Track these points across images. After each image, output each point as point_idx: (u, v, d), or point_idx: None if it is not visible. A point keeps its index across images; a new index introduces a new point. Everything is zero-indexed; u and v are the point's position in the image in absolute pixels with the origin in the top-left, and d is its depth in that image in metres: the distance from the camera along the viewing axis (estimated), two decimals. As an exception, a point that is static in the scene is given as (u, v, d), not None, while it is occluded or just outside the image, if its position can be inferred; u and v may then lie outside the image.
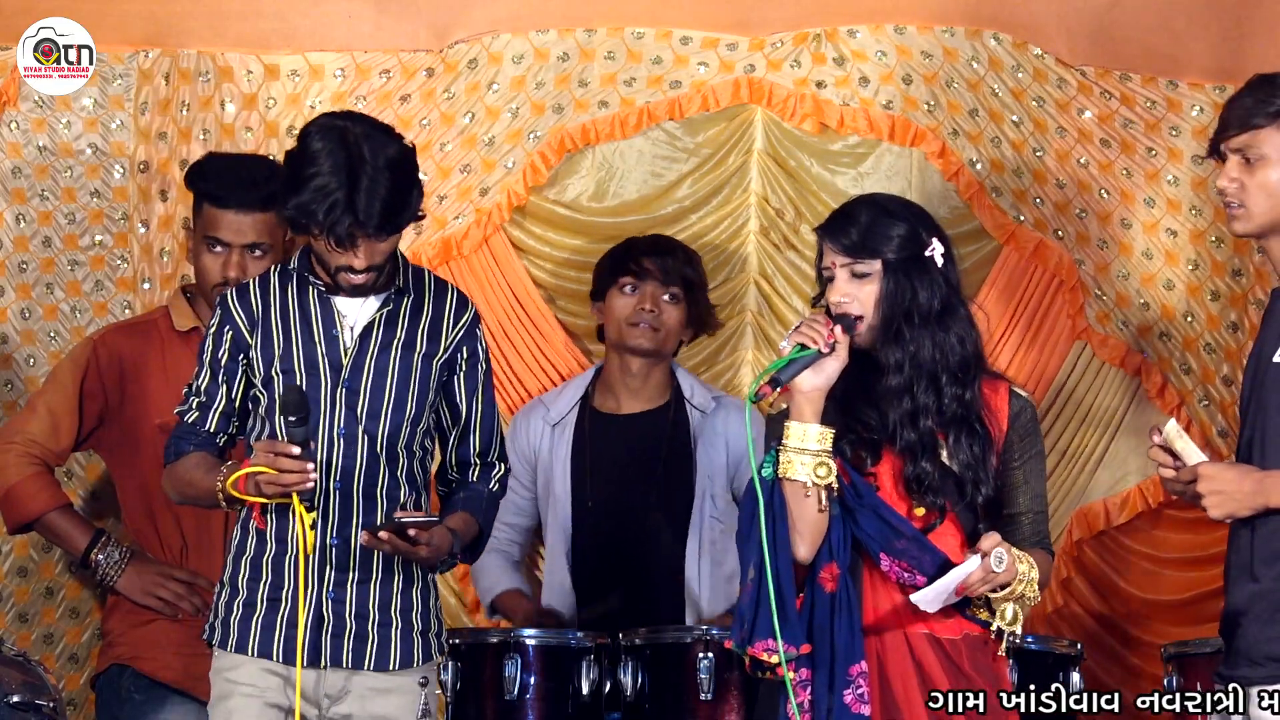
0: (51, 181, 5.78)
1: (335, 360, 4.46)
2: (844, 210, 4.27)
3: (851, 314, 4.18)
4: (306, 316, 4.49)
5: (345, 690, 4.42)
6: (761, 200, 5.96)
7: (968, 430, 4.20)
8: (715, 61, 5.91)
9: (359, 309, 4.48)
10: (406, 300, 4.51)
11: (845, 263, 4.20)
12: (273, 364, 4.47)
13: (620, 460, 5.61)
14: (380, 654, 4.43)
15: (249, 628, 4.43)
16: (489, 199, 5.88)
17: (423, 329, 4.52)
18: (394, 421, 4.46)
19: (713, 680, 5.01)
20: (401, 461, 4.47)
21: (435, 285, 4.58)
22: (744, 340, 6.01)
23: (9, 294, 5.74)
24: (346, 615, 4.41)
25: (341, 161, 4.29)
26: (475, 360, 4.57)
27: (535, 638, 5.15)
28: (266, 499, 4.33)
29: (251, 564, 4.46)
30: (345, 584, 4.42)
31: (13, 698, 4.58)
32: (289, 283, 4.52)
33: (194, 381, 4.55)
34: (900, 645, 4.16)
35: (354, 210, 4.28)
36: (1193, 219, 5.86)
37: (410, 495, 4.49)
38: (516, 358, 5.90)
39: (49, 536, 5.33)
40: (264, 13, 5.74)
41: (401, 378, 4.47)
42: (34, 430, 5.24)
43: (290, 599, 4.41)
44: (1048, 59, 5.89)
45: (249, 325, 4.50)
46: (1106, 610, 5.85)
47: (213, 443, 4.53)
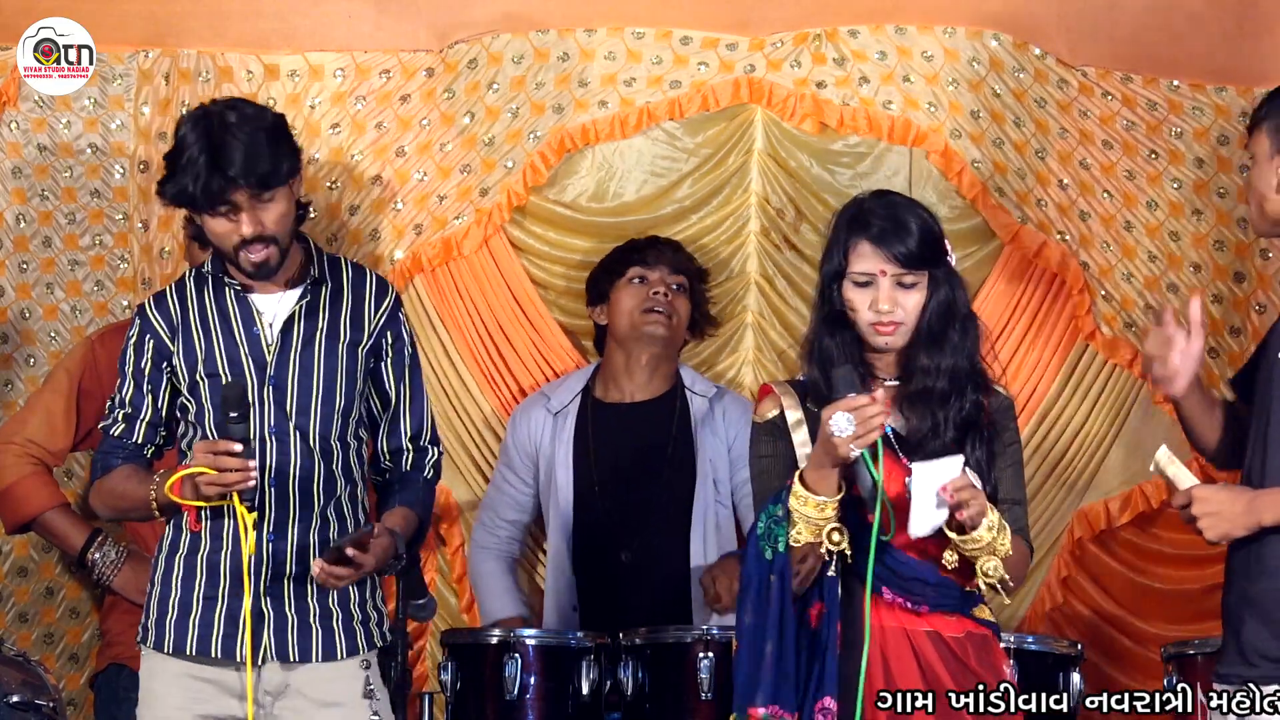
0: (51, 181, 5.79)
1: (259, 358, 4.45)
2: (894, 217, 4.19)
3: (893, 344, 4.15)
4: (225, 317, 4.48)
5: (285, 684, 4.41)
6: (762, 200, 5.96)
7: (979, 434, 4.20)
8: (715, 61, 5.91)
9: (277, 304, 4.47)
10: (325, 289, 4.50)
11: (898, 273, 4.15)
12: (196, 369, 4.45)
13: (623, 447, 5.61)
14: (326, 645, 4.41)
15: (186, 628, 4.40)
16: (489, 199, 5.88)
17: (344, 317, 4.50)
18: (324, 414, 4.44)
19: (713, 680, 5.01)
20: (336, 454, 4.46)
21: (353, 272, 4.56)
22: (744, 340, 6.01)
23: (9, 294, 5.75)
24: (286, 610, 4.40)
25: (203, 132, 4.33)
26: (400, 344, 4.56)
27: (535, 638, 5.15)
28: (204, 501, 4.32)
29: (185, 563, 4.43)
30: (282, 579, 4.40)
31: (13, 698, 4.59)
32: (205, 285, 4.51)
33: (117, 394, 4.54)
34: (903, 644, 4.14)
35: (219, 167, 4.29)
36: (1194, 222, 5.86)
37: (346, 488, 4.47)
38: (515, 358, 5.90)
39: (46, 536, 5.33)
40: (264, 13, 5.74)
41: (328, 369, 4.46)
42: (32, 431, 5.25)
43: (227, 597, 4.39)
44: (1048, 60, 5.89)
45: (169, 332, 4.49)
46: (1107, 609, 5.85)
47: (140, 454, 4.52)
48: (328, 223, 5.81)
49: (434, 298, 5.87)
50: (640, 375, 5.65)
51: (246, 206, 4.36)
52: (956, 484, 4.02)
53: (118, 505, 4.53)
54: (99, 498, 4.56)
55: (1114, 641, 5.82)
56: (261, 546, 4.38)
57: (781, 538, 4.09)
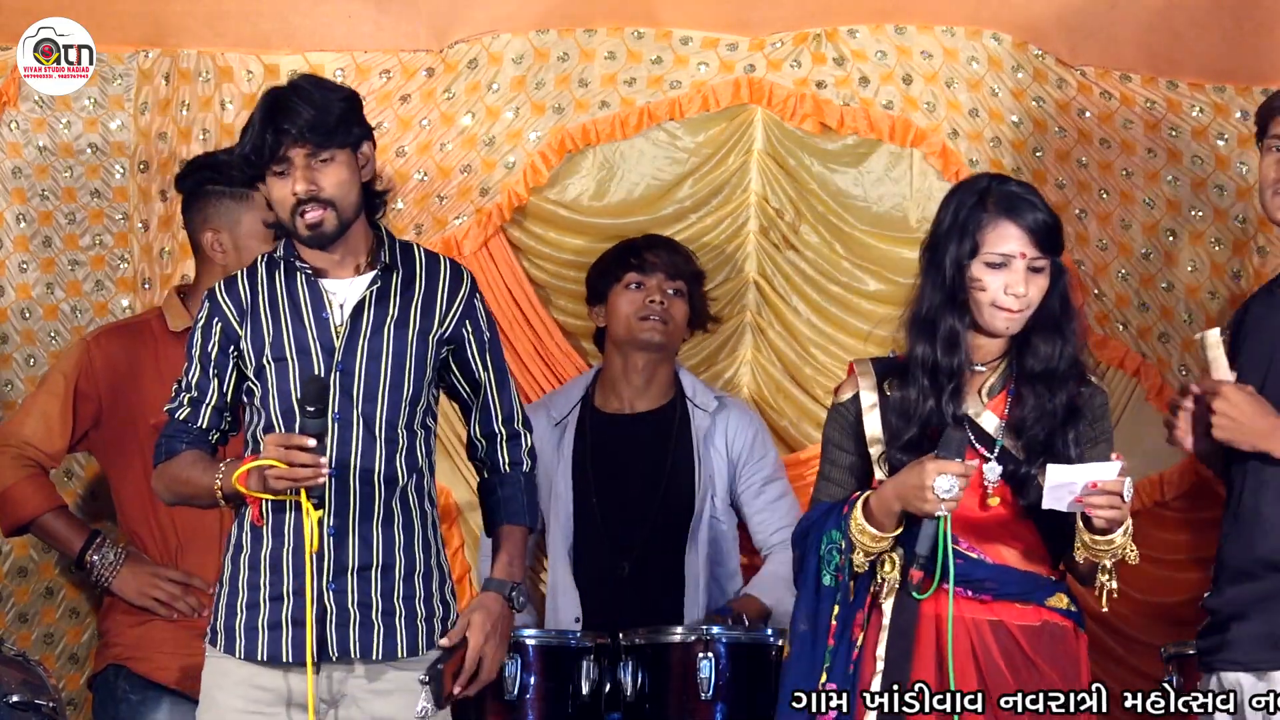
0: (51, 181, 5.78)
1: (327, 343, 4.38)
2: (1030, 200, 4.16)
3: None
4: (295, 301, 4.42)
5: (341, 694, 4.35)
6: (761, 200, 5.96)
7: (1076, 429, 4.18)
8: (715, 61, 5.91)
9: (348, 289, 4.41)
10: (396, 276, 4.44)
11: (1035, 257, 4.14)
12: (263, 352, 4.39)
13: (623, 459, 5.61)
14: (387, 642, 4.34)
15: (256, 629, 4.34)
16: (489, 199, 5.88)
17: (416, 304, 4.44)
18: (391, 402, 4.37)
19: (713, 680, 5.01)
20: (401, 444, 4.38)
21: (426, 258, 4.51)
22: (744, 340, 6.01)
23: (9, 294, 5.74)
24: (349, 606, 4.32)
25: (271, 96, 4.33)
26: (479, 329, 4.50)
27: (535, 638, 5.14)
28: (272, 494, 4.26)
29: (249, 562, 4.38)
30: (345, 574, 4.33)
31: (13, 698, 4.57)
32: (276, 270, 4.46)
33: (184, 377, 4.48)
34: (960, 635, 4.10)
35: (275, 122, 4.27)
36: (1193, 220, 5.87)
37: (411, 479, 4.39)
38: (515, 358, 5.89)
39: (44, 538, 5.33)
40: (264, 13, 5.74)
41: (397, 356, 4.39)
42: (28, 433, 5.24)
43: (291, 595, 4.33)
44: (1048, 59, 5.89)
45: (238, 316, 4.44)
46: (1106, 610, 5.83)
47: (205, 440, 4.47)
48: (327, 222, 5.81)
49: (434, 297, 5.87)
50: (638, 380, 5.65)
51: (301, 164, 4.30)
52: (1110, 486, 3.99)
53: (181, 491, 4.46)
54: (161, 482, 4.50)
55: (1113, 641, 5.82)
56: (323, 541, 4.30)
57: (835, 566, 4.10)
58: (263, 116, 4.30)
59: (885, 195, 5.93)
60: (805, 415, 5.96)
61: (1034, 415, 4.15)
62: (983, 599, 4.11)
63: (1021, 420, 4.15)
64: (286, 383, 4.36)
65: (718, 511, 5.57)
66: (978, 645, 4.10)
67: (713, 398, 5.66)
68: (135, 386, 5.23)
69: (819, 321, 5.95)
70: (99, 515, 5.56)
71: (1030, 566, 4.15)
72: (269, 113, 4.29)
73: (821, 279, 5.94)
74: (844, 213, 5.92)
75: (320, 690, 4.35)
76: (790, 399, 5.96)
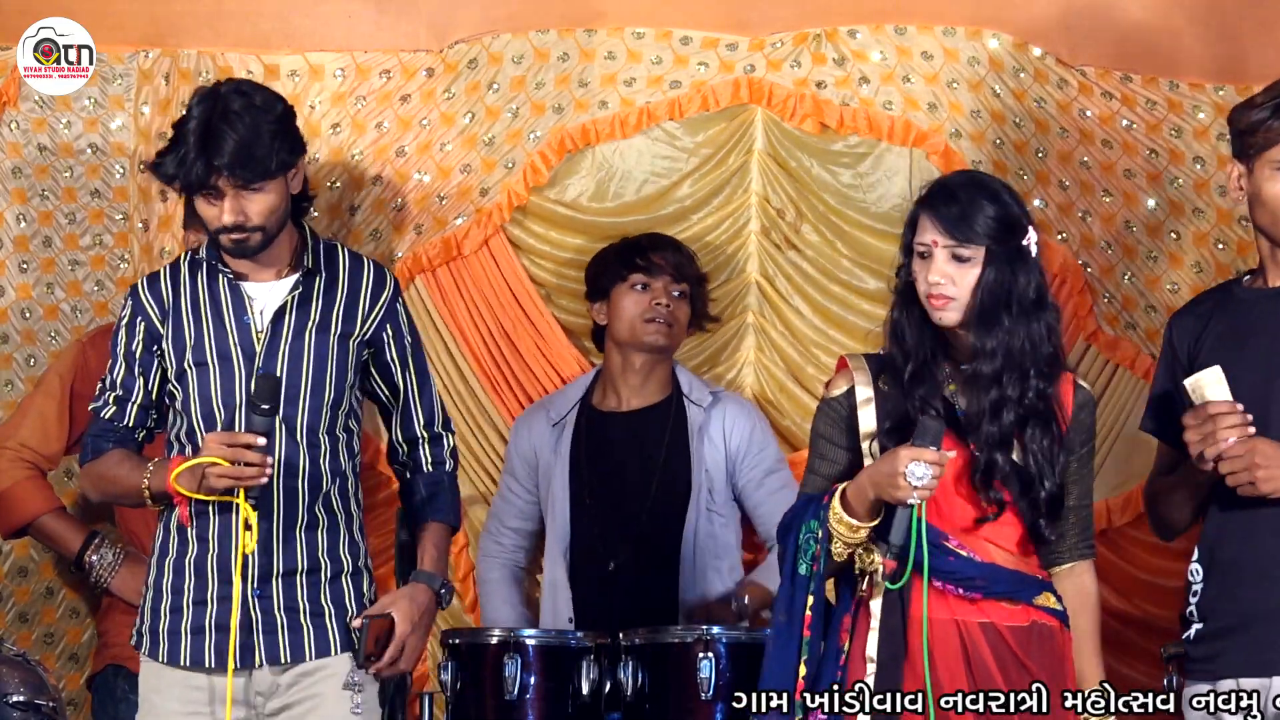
0: (51, 181, 5.79)
1: (248, 347, 4.38)
2: (948, 188, 4.16)
3: (948, 321, 4.13)
4: (217, 304, 4.43)
5: (275, 684, 4.35)
6: (762, 200, 5.96)
7: (1043, 425, 4.14)
8: (715, 61, 5.91)
9: (269, 293, 4.42)
10: (319, 280, 4.45)
11: (949, 244, 4.11)
12: (184, 356, 4.40)
13: (617, 457, 5.61)
14: (319, 641, 4.34)
15: (179, 635, 4.35)
16: (489, 199, 5.88)
17: (338, 309, 4.44)
18: (312, 407, 4.37)
19: (713, 680, 5.01)
20: (324, 447, 4.38)
21: (350, 261, 4.51)
22: (744, 340, 6.00)
23: (9, 294, 5.75)
24: (276, 611, 4.33)
25: (204, 115, 4.29)
26: (400, 334, 4.52)
27: (535, 638, 5.14)
28: (208, 495, 4.25)
29: (174, 567, 4.38)
30: (271, 579, 4.33)
31: (13, 698, 4.57)
32: (199, 271, 4.47)
33: (108, 375, 4.49)
34: (951, 636, 4.09)
35: (206, 152, 4.25)
36: (1195, 221, 5.86)
37: (335, 482, 4.39)
38: (517, 358, 5.89)
39: (43, 540, 5.33)
40: (264, 13, 5.75)
41: (318, 361, 4.39)
42: (25, 435, 5.25)
43: (215, 602, 4.33)
44: (1048, 59, 5.89)
45: (160, 315, 4.45)
46: (1107, 610, 5.83)
47: (132, 438, 4.47)
48: (328, 222, 5.81)
49: (435, 298, 5.87)
50: (635, 379, 5.65)
51: (231, 194, 4.32)
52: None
53: (108, 490, 4.48)
54: (88, 480, 4.51)
55: (1113, 641, 5.81)
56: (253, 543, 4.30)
57: (811, 555, 4.09)
58: (197, 144, 4.27)
59: (886, 195, 5.92)
60: (808, 415, 5.92)
61: (975, 410, 4.13)
62: (973, 598, 4.09)
63: (976, 415, 4.14)
64: (208, 387, 4.38)
65: (716, 506, 5.56)
66: (969, 646, 4.09)
67: (708, 393, 5.66)
68: (131, 387, 5.23)
69: (820, 321, 5.94)
70: (98, 516, 5.55)
71: (1018, 566, 4.14)
72: (200, 141, 4.27)
73: (823, 279, 5.94)
74: (845, 212, 5.91)
75: (254, 686, 4.34)
76: (793, 398, 5.96)
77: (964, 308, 4.12)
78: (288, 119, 4.39)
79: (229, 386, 4.37)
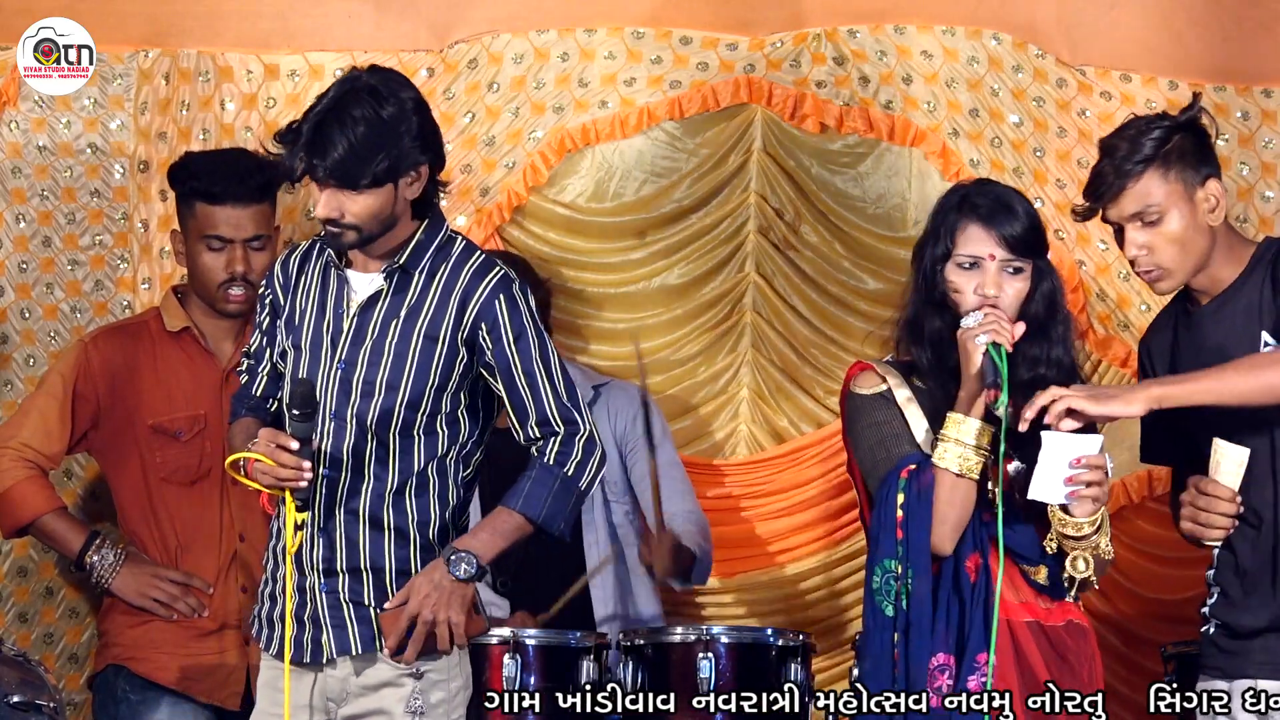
0: (51, 181, 5.78)
1: (335, 336, 4.25)
2: (1001, 201, 4.20)
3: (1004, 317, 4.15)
4: (325, 289, 4.30)
5: (344, 693, 4.27)
6: (761, 200, 5.96)
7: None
8: (715, 61, 5.91)
9: (369, 285, 4.26)
10: (418, 274, 4.25)
11: (1006, 258, 4.16)
12: (290, 335, 4.31)
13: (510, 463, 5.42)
14: (364, 640, 4.23)
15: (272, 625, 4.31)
16: (489, 199, 5.88)
17: (430, 303, 4.24)
18: (385, 405, 4.20)
19: (713, 680, 5.01)
20: (393, 449, 4.22)
21: (458, 257, 4.28)
22: (744, 340, 6.01)
23: (9, 294, 5.74)
24: (343, 605, 4.23)
25: (326, 108, 4.14)
26: (499, 330, 4.22)
27: (535, 638, 5.13)
28: (264, 488, 4.19)
29: (272, 552, 4.34)
30: (336, 575, 4.23)
31: (13, 698, 4.56)
32: (322, 255, 4.34)
33: (250, 344, 4.43)
34: (1003, 634, 4.11)
35: (311, 151, 4.11)
36: (1193, 220, 5.86)
37: (407, 485, 4.24)
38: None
39: (44, 540, 5.32)
40: (264, 13, 5.74)
41: (396, 358, 4.22)
42: (27, 434, 5.23)
43: (280, 596, 4.27)
44: (1048, 59, 5.89)
45: (283, 289, 4.35)
46: (1107, 609, 5.85)
47: (263, 407, 4.37)
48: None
49: (435, 297, 5.87)
50: None
51: (331, 190, 4.15)
52: (1093, 460, 4.04)
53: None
54: (228, 446, 4.39)
55: (1114, 642, 5.82)
56: (311, 539, 4.22)
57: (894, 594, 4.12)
58: (304, 140, 4.14)
59: (885, 195, 5.93)
60: (805, 415, 5.96)
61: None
62: (1024, 600, 4.14)
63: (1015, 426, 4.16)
64: (298, 371, 4.28)
65: (615, 495, 5.52)
66: (1020, 645, 4.13)
67: (590, 387, 5.58)
68: (133, 387, 5.23)
69: (818, 321, 5.95)
70: (99, 516, 5.56)
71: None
72: (309, 139, 4.13)
73: (821, 279, 5.95)
74: (844, 212, 5.92)
75: (326, 690, 4.28)
76: (790, 398, 5.96)
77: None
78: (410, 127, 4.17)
79: (313, 372, 4.25)
